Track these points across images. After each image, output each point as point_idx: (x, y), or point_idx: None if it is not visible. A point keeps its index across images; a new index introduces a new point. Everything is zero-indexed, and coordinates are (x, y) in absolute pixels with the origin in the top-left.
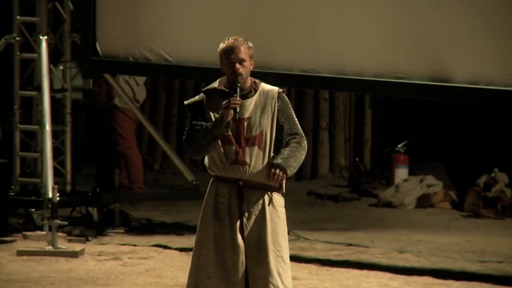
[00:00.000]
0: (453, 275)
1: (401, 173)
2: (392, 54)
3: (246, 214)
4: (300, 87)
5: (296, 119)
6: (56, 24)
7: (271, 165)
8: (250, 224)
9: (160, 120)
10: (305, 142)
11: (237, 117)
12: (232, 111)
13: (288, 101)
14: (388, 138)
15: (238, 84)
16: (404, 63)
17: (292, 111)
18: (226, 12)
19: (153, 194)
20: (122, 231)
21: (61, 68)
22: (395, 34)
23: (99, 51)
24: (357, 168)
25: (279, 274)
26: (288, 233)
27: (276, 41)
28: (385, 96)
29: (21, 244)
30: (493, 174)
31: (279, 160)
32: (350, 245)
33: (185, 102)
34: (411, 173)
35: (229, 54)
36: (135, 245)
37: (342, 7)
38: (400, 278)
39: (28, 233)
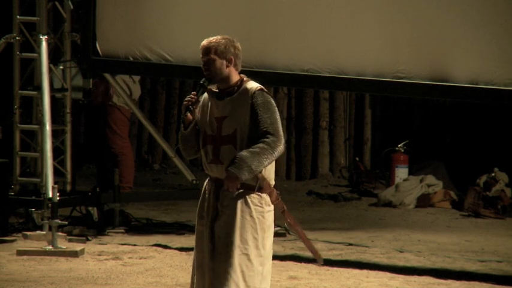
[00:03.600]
0: (453, 275)
1: (401, 173)
2: (392, 53)
3: (220, 213)
4: (300, 87)
5: (275, 118)
6: (56, 23)
7: (226, 171)
8: (221, 222)
9: (160, 120)
10: (278, 143)
11: (187, 115)
12: (187, 111)
13: (269, 99)
14: (388, 138)
15: (204, 84)
16: (404, 63)
17: (273, 110)
18: (226, 12)
19: (153, 194)
20: (122, 231)
21: (61, 67)
22: (396, 34)
23: (99, 51)
24: (356, 168)
25: (242, 272)
26: (288, 233)
27: (276, 41)
28: (385, 95)
29: (21, 244)
30: (493, 174)
31: (231, 166)
32: (350, 244)
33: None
34: (411, 172)
35: (201, 55)
36: (135, 245)
37: (342, 6)
38: (400, 278)
39: (28, 233)
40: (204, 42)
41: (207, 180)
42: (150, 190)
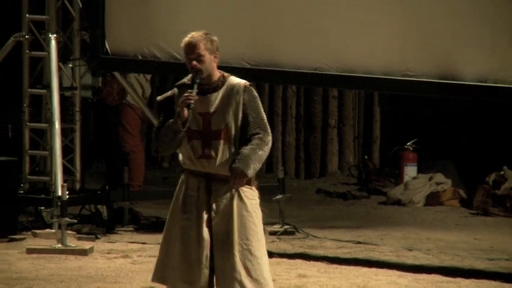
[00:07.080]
0: (462, 273)
1: (410, 171)
2: (401, 52)
3: (214, 207)
4: (308, 85)
5: (262, 114)
6: (65, 22)
7: (230, 169)
8: (218, 217)
9: None
10: (269, 137)
11: (190, 114)
12: (186, 108)
13: (256, 94)
14: (396, 136)
15: (197, 81)
16: (413, 61)
17: (260, 105)
18: (234, 10)
19: (162, 192)
20: (131, 229)
21: (70, 66)
22: (404, 32)
23: (108, 49)
24: (365, 166)
25: (245, 268)
26: (297, 231)
27: (285, 39)
28: (393, 94)
29: (31, 242)
30: (502, 172)
31: (237, 164)
32: (359, 242)
33: (157, 98)
34: (420, 170)
35: (187, 52)
36: (144, 243)
37: (351, 5)
38: (409, 276)
39: (37, 231)
40: (190, 39)
41: (186, 175)
42: (160, 188)
